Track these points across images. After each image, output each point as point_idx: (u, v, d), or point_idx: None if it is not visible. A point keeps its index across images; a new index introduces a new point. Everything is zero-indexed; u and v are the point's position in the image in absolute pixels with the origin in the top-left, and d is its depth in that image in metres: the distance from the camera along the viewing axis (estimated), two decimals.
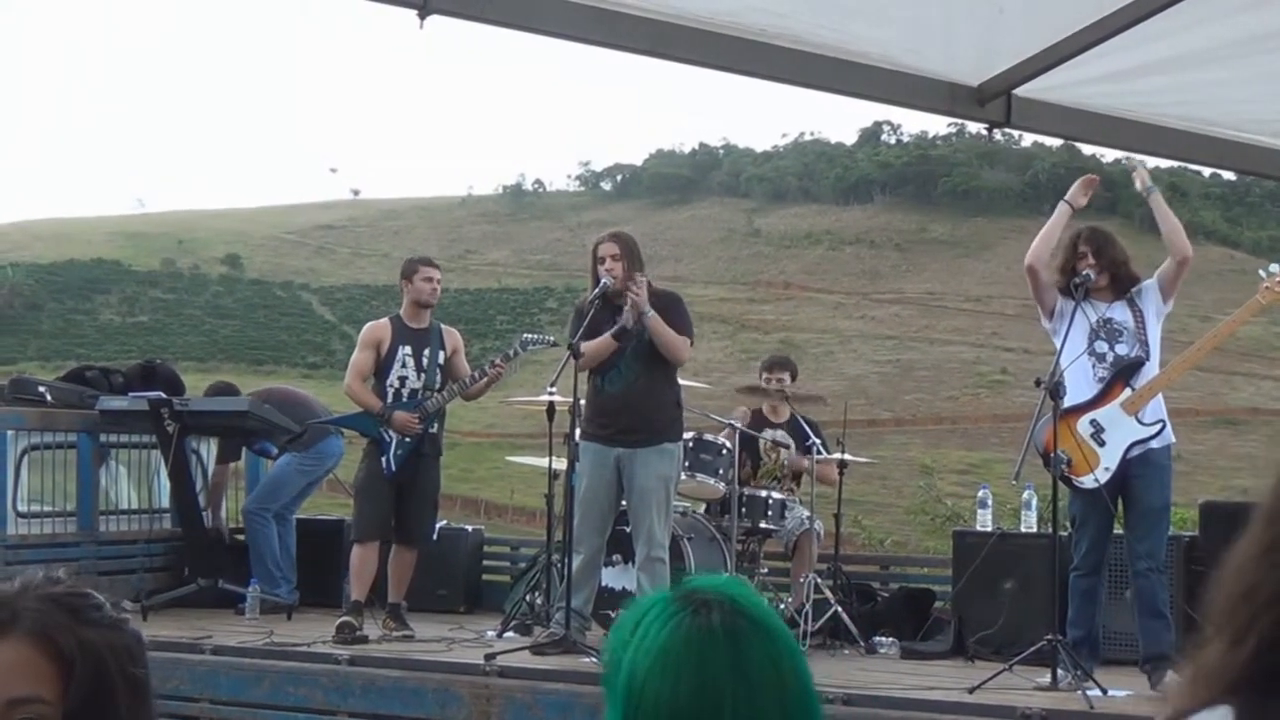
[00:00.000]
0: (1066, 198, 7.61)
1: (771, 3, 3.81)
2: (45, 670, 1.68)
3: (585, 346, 7.88)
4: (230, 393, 10.70)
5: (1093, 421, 7.37)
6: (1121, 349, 7.45)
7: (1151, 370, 7.43)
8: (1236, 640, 1.40)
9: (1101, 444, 7.34)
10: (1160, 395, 7.44)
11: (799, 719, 1.68)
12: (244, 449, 10.71)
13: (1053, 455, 7.18)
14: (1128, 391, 7.38)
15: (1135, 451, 7.34)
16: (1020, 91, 4.21)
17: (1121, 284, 7.53)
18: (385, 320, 9.03)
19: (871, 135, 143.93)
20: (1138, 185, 7.50)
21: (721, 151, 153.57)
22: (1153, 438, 7.36)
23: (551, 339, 9.23)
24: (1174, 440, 7.54)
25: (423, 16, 3.59)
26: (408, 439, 8.75)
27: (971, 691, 6.90)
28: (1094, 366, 7.44)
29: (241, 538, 10.39)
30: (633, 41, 3.90)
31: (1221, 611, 1.43)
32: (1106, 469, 7.31)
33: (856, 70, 4.04)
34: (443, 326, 9.09)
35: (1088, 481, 7.32)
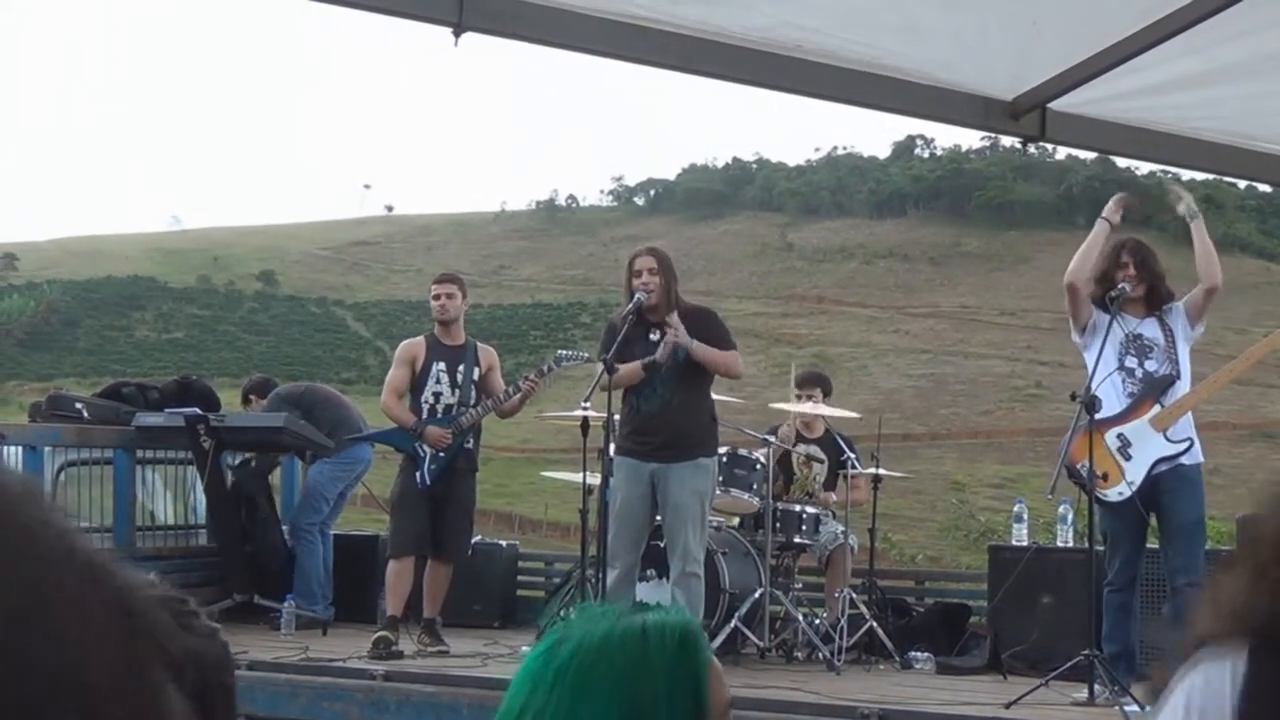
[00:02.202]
0: (1104, 215, 7.59)
1: (804, 18, 3.82)
2: None
3: (619, 368, 7.88)
4: (268, 387, 10.72)
5: (1120, 436, 7.36)
6: (1151, 365, 7.43)
7: (1182, 389, 7.42)
8: (1257, 576, 1.40)
9: (1128, 458, 7.32)
10: (1190, 414, 7.42)
11: None
12: None
13: (1078, 467, 7.18)
14: (1157, 408, 7.36)
15: (1162, 468, 7.31)
16: (1055, 106, 4.20)
17: (1156, 299, 7.52)
18: (421, 338, 9.10)
19: (905, 149, 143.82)
20: (1181, 210, 7.50)
21: (754, 166, 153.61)
22: (1181, 454, 7.33)
23: (586, 355, 9.26)
24: (1203, 459, 7.50)
25: (457, 34, 3.60)
26: (441, 453, 8.78)
27: (1008, 707, 6.87)
28: (1124, 381, 7.43)
29: None
30: (664, 57, 3.91)
31: (1243, 547, 1.44)
32: (1130, 483, 7.29)
33: (890, 85, 4.04)
34: (479, 344, 9.13)
35: (1112, 495, 7.30)
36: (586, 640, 1.82)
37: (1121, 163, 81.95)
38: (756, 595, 8.64)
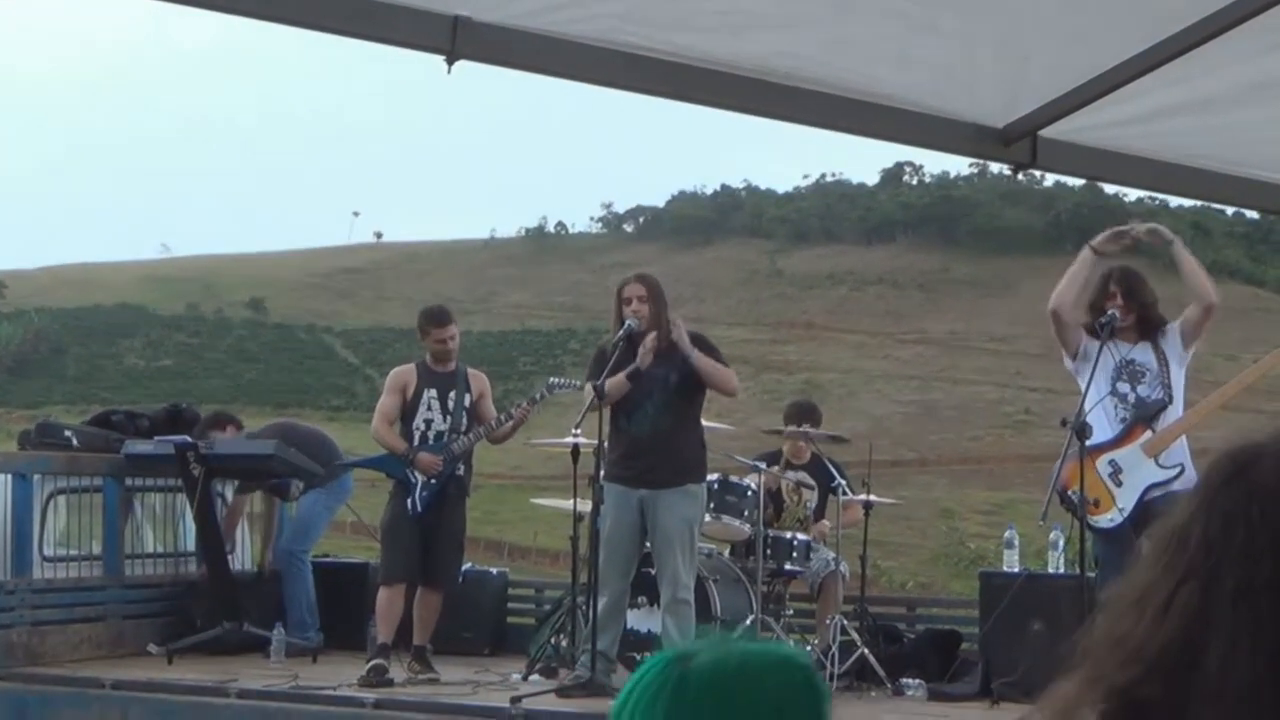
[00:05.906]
0: (1093, 243, 7.58)
1: (797, 47, 3.84)
2: None
3: (607, 391, 7.89)
4: (227, 423, 10.65)
5: (1111, 462, 7.35)
6: (1143, 390, 7.43)
7: (1175, 414, 7.41)
8: (1092, 681, 1.38)
9: (1119, 485, 7.32)
10: (1183, 439, 7.41)
11: None
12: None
13: (1069, 493, 7.18)
14: (1149, 434, 7.36)
15: (1154, 494, 7.30)
16: (1045, 133, 4.22)
17: (1148, 325, 7.51)
18: (411, 365, 9.11)
19: (893, 176, 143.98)
20: (1144, 232, 7.50)
21: (743, 193, 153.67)
22: (1172, 480, 7.32)
23: (578, 383, 9.27)
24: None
25: (450, 62, 3.61)
26: (433, 480, 8.78)
27: None
28: (1115, 407, 7.42)
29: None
30: (656, 85, 3.92)
31: (1088, 647, 1.42)
32: (1121, 510, 7.29)
33: (882, 112, 4.06)
34: (469, 370, 9.15)
35: (1103, 522, 7.30)
36: (726, 681, 1.54)
37: (1109, 189, 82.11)
38: (747, 622, 8.63)
